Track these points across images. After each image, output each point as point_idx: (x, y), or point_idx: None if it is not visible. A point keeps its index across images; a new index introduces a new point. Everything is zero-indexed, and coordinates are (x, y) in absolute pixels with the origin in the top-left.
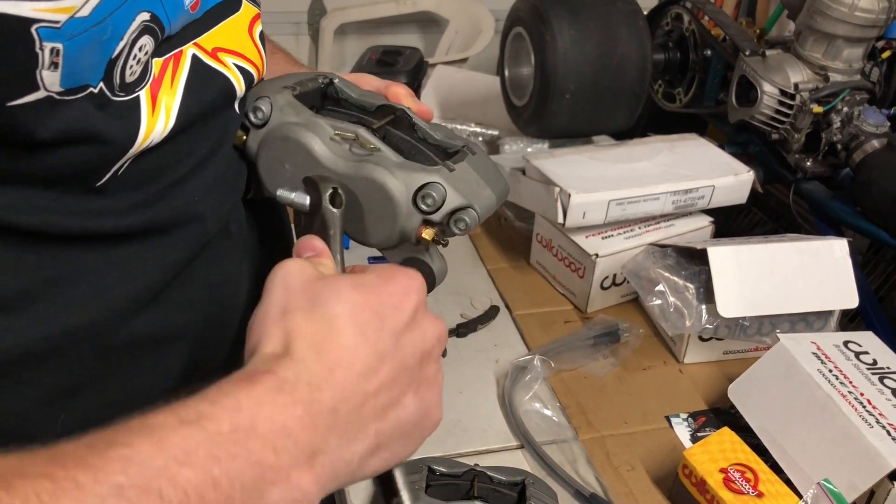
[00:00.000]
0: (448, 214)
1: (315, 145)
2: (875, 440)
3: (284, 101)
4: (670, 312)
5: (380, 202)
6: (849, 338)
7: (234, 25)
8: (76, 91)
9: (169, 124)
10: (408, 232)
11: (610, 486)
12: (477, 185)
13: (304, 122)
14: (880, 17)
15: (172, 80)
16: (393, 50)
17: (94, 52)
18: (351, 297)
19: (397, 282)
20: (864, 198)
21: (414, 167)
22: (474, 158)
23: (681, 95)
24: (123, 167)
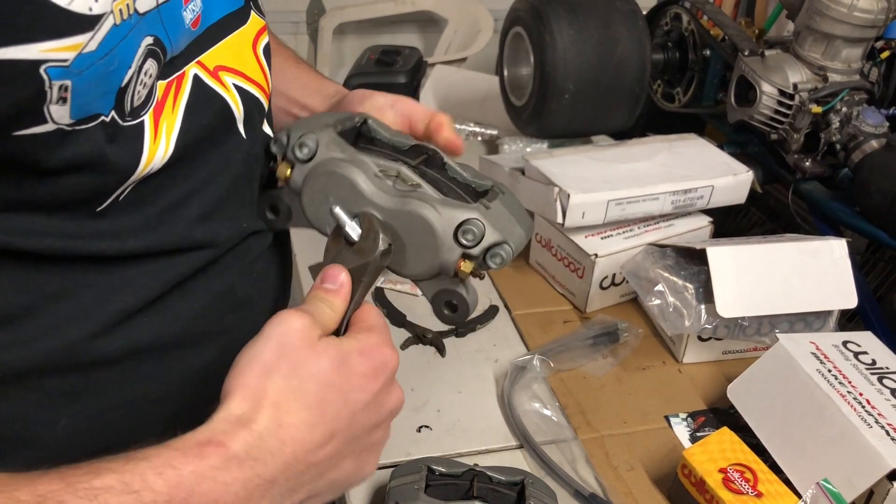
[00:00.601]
0: (485, 249)
1: (360, 180)
2: (874, 440)
3: (329, 137)
4: (669, 312)
5: (422, 236)
6: (848, 338)
7: (238, 41)
8: (87, 121)
9: (169, 150)
10: (447, 265)
11: (609, 486)
12: (510, 223)
13: (349, 158)
14: (879, 18)
15: (174, 104)
16: (392, 49)
17: (103, 83)
18: (327, 376)
19: (373, 361)
20: (862, 198)
21: (455, 204)
22: (505, 198)
23: (680, 95)
24: (124, 193)
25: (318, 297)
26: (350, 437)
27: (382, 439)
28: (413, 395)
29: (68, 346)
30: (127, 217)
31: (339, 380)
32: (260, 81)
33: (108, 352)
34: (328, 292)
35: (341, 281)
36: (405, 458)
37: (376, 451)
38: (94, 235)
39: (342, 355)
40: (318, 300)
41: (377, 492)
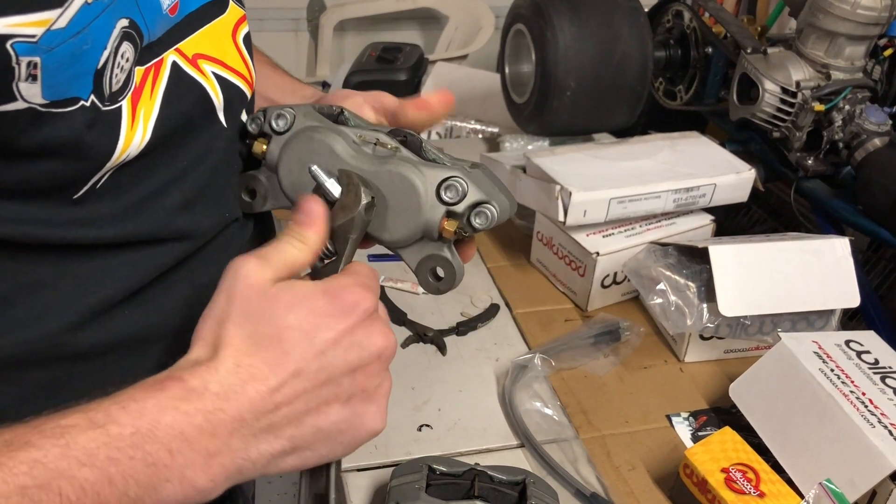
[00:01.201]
0: (469, 207)
1: (338, 145)
2: (877, 440)
3: (306, 110)
4: (671, 311)
5: (404, 196)
6: (850, 337)
7: (217, 30)
8: (65, 104)
9: (146, 137)
10: (431, 225)
11: (611, 486)
12: (493, 188)
13: (327, 126)
14: (883, 15)
15: (152, 91)
16: (393, 46)
17: (76, 63)
18: (284, 318)
19: (340, 301)
20: (865, 196)
21: (435, 165)
22: (486, 171)
23: (682, 93)
24: (102, 180)
25: (286, 234)
26: (324, 379)
27: (378, 389)
28: (414, 394)
29: (47, 337)
30: (105, 205)
31: (299, 320)
32: (241, 70)
33: (88, 344)
34: (300, 225)
35: (315, 213)
36: (406, 457)
37: (374, 400)
38: (71, 223)
39: (300, 296)
40: (283, 240)
41: (378, 491)
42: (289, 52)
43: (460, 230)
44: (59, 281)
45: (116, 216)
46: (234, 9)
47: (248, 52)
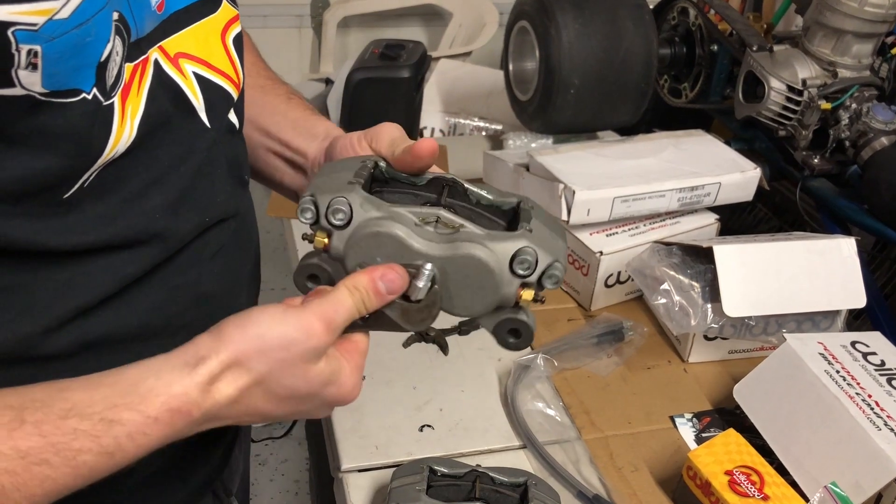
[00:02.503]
0: (541, 273)
1: (405, 234)
2: (883, 443)
3: (360, 197)
4: (675, 311)
5: (479, 276)
6: (856, 338)
7: (205, 29)
8: (65, 95)
9: (133, 134)
10: (508, 298)
11: (613, 487)
12: (553, 239)
13: (387, 214)
14: (890, 13)
15: (139, 88)
16: (396, 43)
17: (78, 54)
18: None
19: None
20: (871, 195)
21: (502, 236)
22: (537, 212)
23: (687, 91)
24: (90, 179)
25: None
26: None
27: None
28: (415, 394)
29: (19, 339)
30: (90, 205)
31: (306, 394)
32: (227, 71)
33: (60, 346)
34: (377, 294)
35: (394, 288)
36: (407, 457)
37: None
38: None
39: (323, 382)
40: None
41: (378, 492)
42: (292, 48)
43: (537, 297)
44: (37, 286)
45: (99, 218)
46: (227, 8)
47: (238, 53)
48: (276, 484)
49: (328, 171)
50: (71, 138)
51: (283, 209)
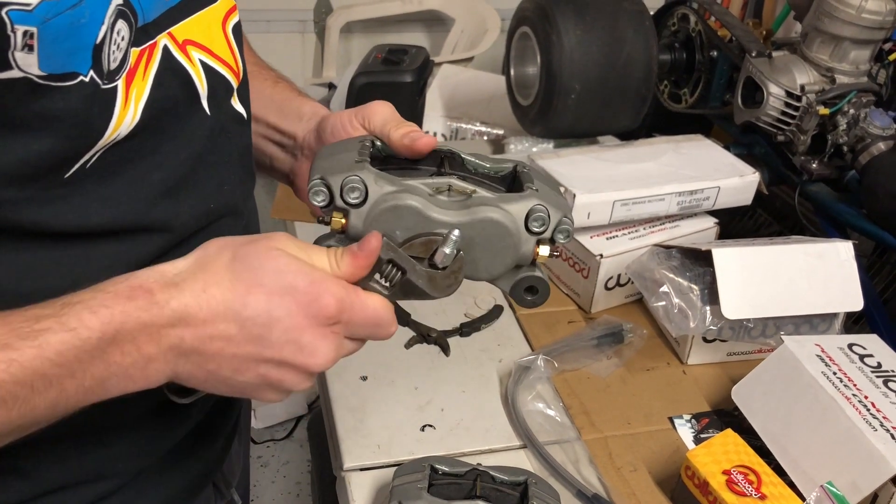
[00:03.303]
0: (553, 229)
1: (424, 206)
2: (879, 443)
3: (372, 174)
4: (674, 313)
5: (498, 237)
6: (853, 340)
7: (208, 18)
8: (64, 78)
9: (136, 117)
10: (526, 256)
11: (612, 487)
12: (556, 196)
13: (402, 188)
14: (888, 19)
15: (145, 72)
16: (399, 48)
17: (73, 36)
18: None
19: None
20: (869, 200)
21: (513, 197)
22: (536, 173)
23: (686, 96)
24: (92, 161)
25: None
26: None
27: (288, 382)
28: (417, 394)
29: None
30: (92, 187)
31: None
32: (228, 59)
33: None
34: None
35: (369, 251)
36: (408, 456)
37: (277, 390)
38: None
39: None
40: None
41: (380, 491)
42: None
43: (552, 252)
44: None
45: (101, 201)
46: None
47: (238, 42)
48: (278, 485)
49: (328, 153)
50: (70, 121)
51: (288, 211)
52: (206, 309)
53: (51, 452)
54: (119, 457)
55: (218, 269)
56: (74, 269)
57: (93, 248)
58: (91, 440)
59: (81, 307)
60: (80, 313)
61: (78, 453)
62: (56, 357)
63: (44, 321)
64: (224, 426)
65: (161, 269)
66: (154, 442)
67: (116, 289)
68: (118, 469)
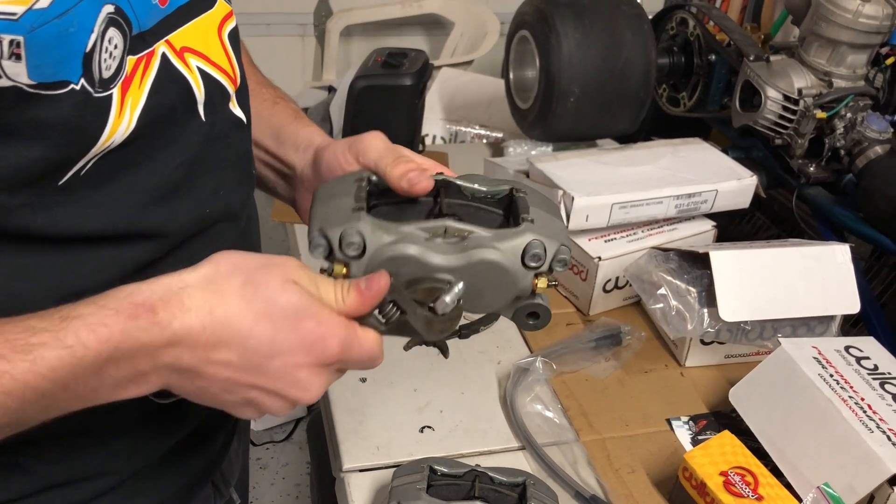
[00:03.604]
0: (550, 260)
1: (421, 253)
2: (875, 445)
3: (369, 224)
4: (672, 316)
5: (496, 277)
6: (850, 343)
7: (204, 24)
8: (54, 87)
9: (131, 125)
10: (525, 290)
11: (610, 488)
12: (553, 223)
13: (398, 237)
14: (885, 24)
15: (141, 81)
16: (398, 52)
17: (62, 45)
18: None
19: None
20: (866, 203)
21: (508, 234)
22: (532, 198)
23: (685, 100)
24: (86, 168)
25: (346, 284)
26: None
27: (272, 408)
28: (416, 396)
29: None
30: (87, 193)
31: (281, 322)
32: (224, 66)
33: None
34: (357, 290)
35: (375, 292)
36: (407, 458)
37: (260, 411)
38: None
39: (301, 309)
40: (335, 285)
41: (379, 491)
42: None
43: (550, 280)
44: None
45: (96, 207)
46: (222, 4)
47: (234, 49)
48: (277, 487)
49: (326, 197)
50: (62, 129)
51: (288, 214)
52: (209, 333)
53: (51, 450)
54: (118, 455)
55: (228, 291)
56: (67, 273)
57: (86, 252)
58: (90, 439)
59: (80, 323)
60: (77, 330)
61: (77, 451)
62: (49, 373)
63: (40, 334)
64: (223, 426)
65: (167, 282)
66: (153, 441)
67: (118, 305)
68: (117, 467)
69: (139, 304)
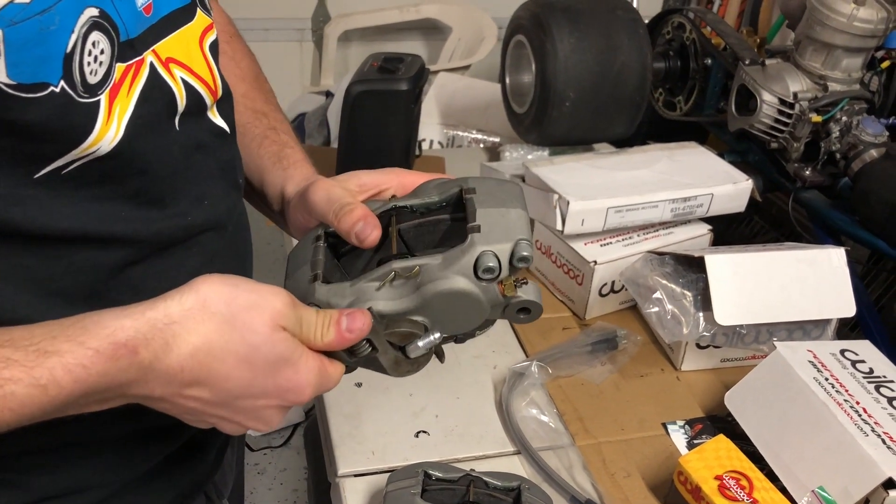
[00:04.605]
0: (509, 263)
1: (380, 307)
2: (870, 449)
3: (325, 293)
4: (667, 320)
5: (460, 303)
6: (845, 346)
7: (186, 35)
8: (34, 89)
9: (119, 133)
10: (494, 301)
11: (606, 493)
12: (504, 218)
13: (353, 296)
14: (879, 27)
15: (130, 89)
16: (394, 57)
17: (42, 43)
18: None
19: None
20: (862, 207)
21: (455, 256)
22: (479, 194)
23: (681, 104)
24: (69, 168)
25: (327, 319)
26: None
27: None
28: (411, 400)
29: None
30: (64, 193)
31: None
32: (206, 77)
33: None
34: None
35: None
36: (403, 462)
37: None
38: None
39: (282, 355)
40: (323, 321)
41: (374, 496)
42: (293, 61)
43: (517, 283)
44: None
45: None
46: (202, 17)
47: (214, 59)
48: (275, 493)
49: (292, 268)
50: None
51: None
52: (187, 372)
53: (41, 464)
54: (110, 466)
55: (211, 332)
56: (43, 272)
57: (63, 252)
58: (82, 451)
59: (57, 362)
60: (53, 368)
61: (69, 463)
62: (18, 408)
63: (13, 368)
64: (216, 438)
65: (152, 317)
66: (145, 453)
67: (99, 345)
68: (109, 479)
69: (121, 343)
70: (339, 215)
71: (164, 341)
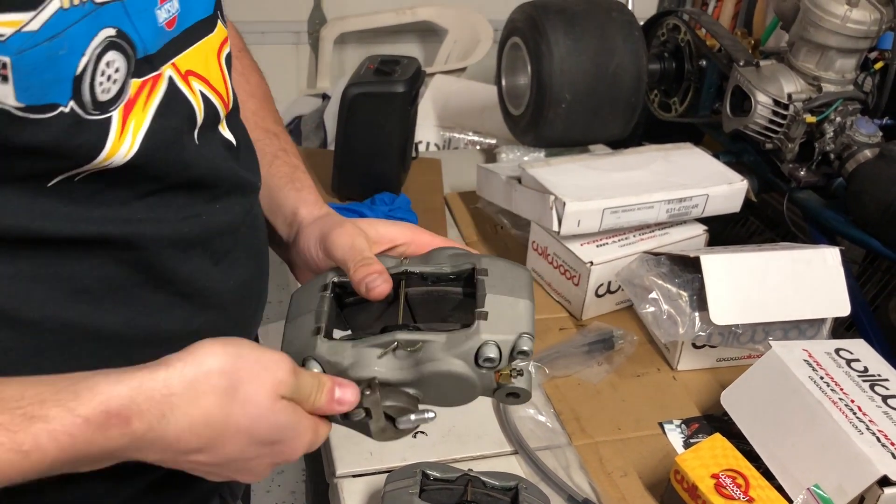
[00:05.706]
0: (509, 355)
1: (378, 373)
2: (865, 446)
3: (325, 352)
4: (663, 320)
5: (454, 384)
6: (840, 345)
7: (206, 48)
8: (43, 110)
9: (133, 147)
10: (488, 387)
11: (603, 492)
12: (512, 308)
13: (354, 360)
14: (872, 29)
15: (146, 103)
16: (391, 59)
17: (51, 67)
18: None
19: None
20: (856, 207)
21: (460, 339)
22: (491, 277)
23: (676, 105)
24: (80, 177)
25: (321, 386)
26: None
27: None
28: None
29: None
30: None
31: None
32: (220, 90)
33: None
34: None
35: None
36: (400, 463)
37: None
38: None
39: (284, 425)
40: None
41: (372, 497)
42: (290, 64)
43: (514, 372)
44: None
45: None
46: (221, 28)
47: (229, 71)
48: (273, 495)
49: (295, 312)
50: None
51: None
52: (184, 443)
53: None
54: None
55: (211, 404)
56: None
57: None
58: None
59: (42, 428)
60: (38, 435)
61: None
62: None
63: None
64: None
65: (149, 388)
66: None
67: (89, 413)
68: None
69: (114, 413)
70: (359, 264)
71: (161, 413)
